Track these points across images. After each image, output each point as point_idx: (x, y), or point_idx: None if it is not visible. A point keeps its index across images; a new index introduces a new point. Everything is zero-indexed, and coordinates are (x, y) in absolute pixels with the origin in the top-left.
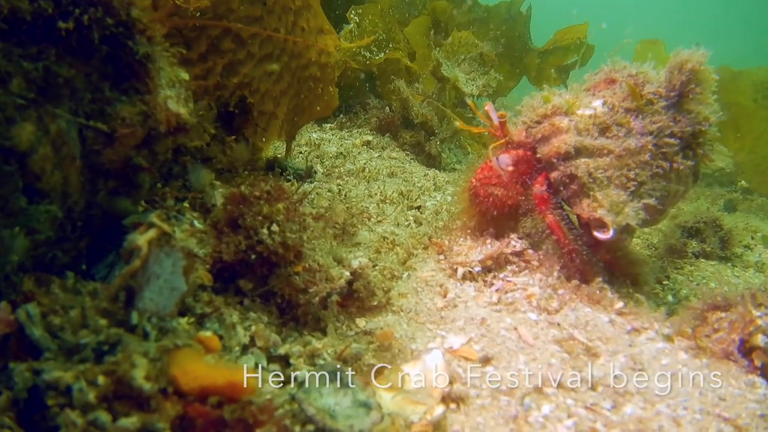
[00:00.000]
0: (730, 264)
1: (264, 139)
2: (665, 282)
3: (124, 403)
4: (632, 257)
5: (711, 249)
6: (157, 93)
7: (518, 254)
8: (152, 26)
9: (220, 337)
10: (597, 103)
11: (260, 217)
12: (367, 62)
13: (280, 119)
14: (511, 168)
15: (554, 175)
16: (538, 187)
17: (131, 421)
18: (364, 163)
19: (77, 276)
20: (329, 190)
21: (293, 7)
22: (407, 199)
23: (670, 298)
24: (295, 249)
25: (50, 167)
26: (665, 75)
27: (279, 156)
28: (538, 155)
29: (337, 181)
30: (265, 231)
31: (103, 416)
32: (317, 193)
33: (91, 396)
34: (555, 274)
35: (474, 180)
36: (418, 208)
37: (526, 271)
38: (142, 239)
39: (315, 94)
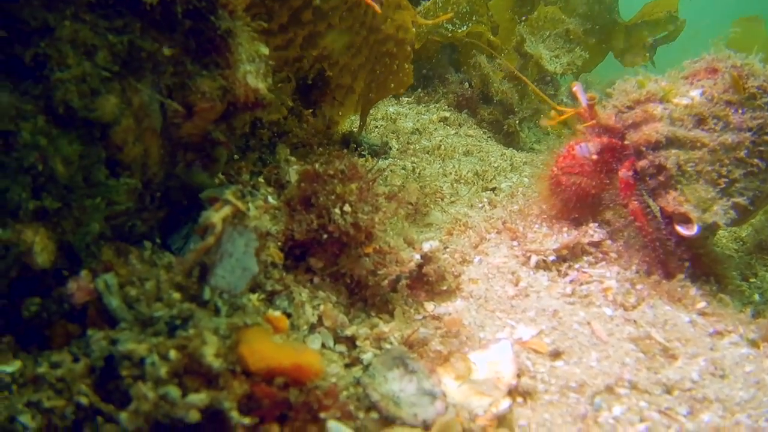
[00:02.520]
0: None
1: (340, 113)
2: (752, 280)
3: (194, 378)
4: (715, 255)
5: None
6: (236, 68)
7: (596, 245)
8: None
9: (289, 316)
10: (695, 93)
11: (333, 197)
12: (449, 35)
13: (357, 93)
14: (595, 157)
15: (642, 164)
16: (624, 172)
17: (200, 397)
18: (440, 141)
19: (154, 246)
20: (403, 168)
21: None
22: (482, 180)
23: (756, 297)
24: (367, 230)
25: (132, 139)
26: None
27: (354, 130)
28: (626, 142)
29: (412, 158)
30: (337, 211)
31: (174, 391)
32: (391, 171)
33: (163, 371)
34: (634, 267)
35: (555, 168)
36: (493, 189)
37: (603, 263)
38: (216, 216)
39: (390, 71)
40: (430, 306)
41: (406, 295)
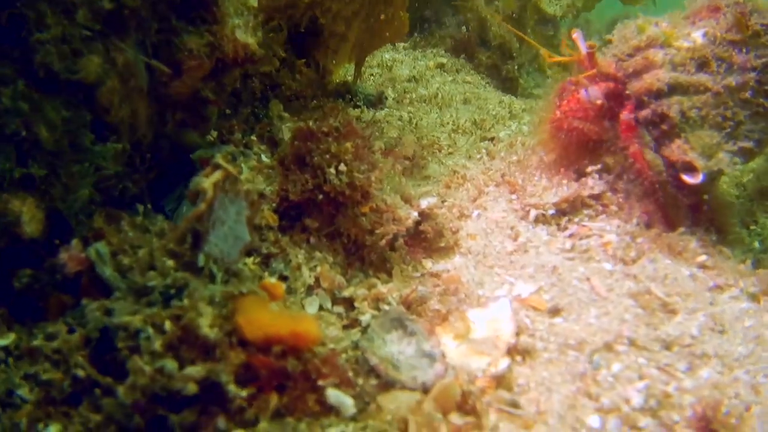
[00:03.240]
0: None
1: (334, 62)
2: (752, 227)
3: (190, 349)
4: (719, 201)
5: None
6: (224, 23)
7: (596, 197)
8: None
9: (285, 279)
10: (697, 34)
11: (328, 156)
12: None
13: (351, 42)
14: (600, 101)
15: (644, 113)
16: (626, 114)
17: (196, 369)
18: (437, 88)
19: (146, 210)
20: (400, 118)
21: None
22: (480, 129)
23: (756, 244)
24: (363, 189)
25: (118, 100)
26: None
27: (349, 80)
28: (627, 92)
29: (408, 108)
30: (332, 171)
31: (170, 364)
32: (387, 122)
33: (158, 344)
34: (634, 220)
35: (558, 112)
36: (492, 139)
37: (604, 215)
38: (207, 182)
39: (386, 19)
40: (428, 263)
41: (404, 253)
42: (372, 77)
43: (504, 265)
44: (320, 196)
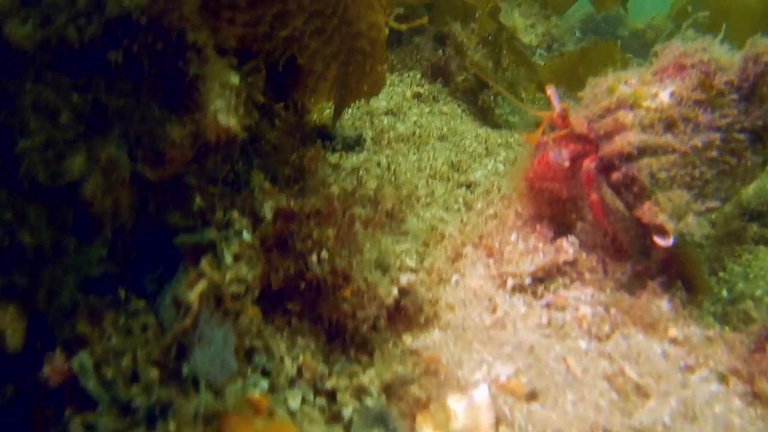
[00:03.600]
0: None
1: (312, 100)
2: (721, 274)
3: None
4: (689, 256)
5: None
6: (206, 108)
7: (571, 264)
8: (202, 35)
9: (267, 374)
10: (664, 95)
11: (310, 242)
12: None
13: (329, 81)
14: (567, 164)
15: (615, 176)
16: (587, 163)
17: None
18: (414, 122)
19: (128, 294)
20: (378, 164)
21: None
22: (458, 171)
23: (724, 293)
24: (344, 273)
25: (101, 194)
26: (740, 64)
27: (328, 124)
28: (600, 153)
29: (387, 150)
30: (314, 259)
31: None
32: (366, 169)
33: None
34: (608, 291)
35: (530, 172)
36: (469, 186)
37: (578, 283)
38: (192, 295)
39: (363, 71)
40: (408, 338)
41: (384, 329)
42: (349, 109)
43: (482, 340)
44: (302, 284)
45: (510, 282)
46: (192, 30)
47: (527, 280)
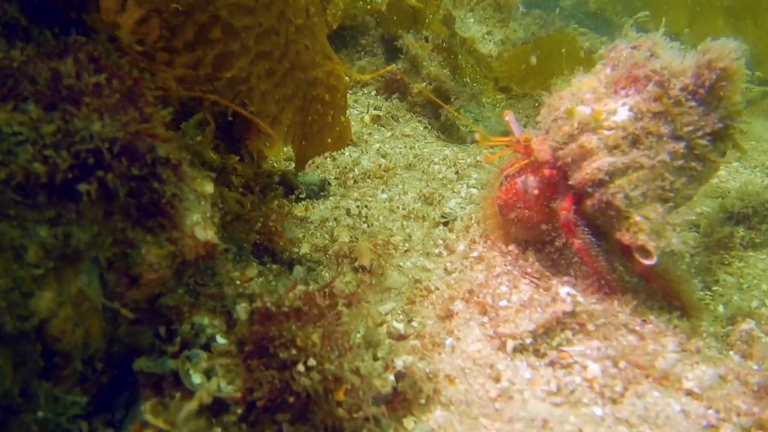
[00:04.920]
0: None
1: (268, 144)
2: (714, 288)
3: None
4: (675, 275)
5: (762, 240)
6: (183, 225)
7: (571, 314)
8: (176, 151)
9: None
10: (623, 112)
11: (294, 351)
12: (368, 7)
13: (285, 125)
14: (536, 192)
15: (589, 203)
16: (565, 214)
17: None
18: (378, 149)
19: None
20: (348, 211)
21: (294, 21)
22: (431, 205)
23: (721, 308)
24: (336, 376)
25: (71, 326)
26: (693, 70)
27: (290, 171)
28: (570, 182)
29: (354, 193)
30: (300, 368)
31: None
32: (335, 219)
33: None
34: (614, 343)
35: (500, 198)
36: (446, 223)
37: (581, 335)
38: None
39: (325, 122)
40: (410, 423)
41: (385, 423)
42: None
43: (489, 414)
44: (291, 398)
45: (510, 344)
46: (164, 147)
47: (528, 340)
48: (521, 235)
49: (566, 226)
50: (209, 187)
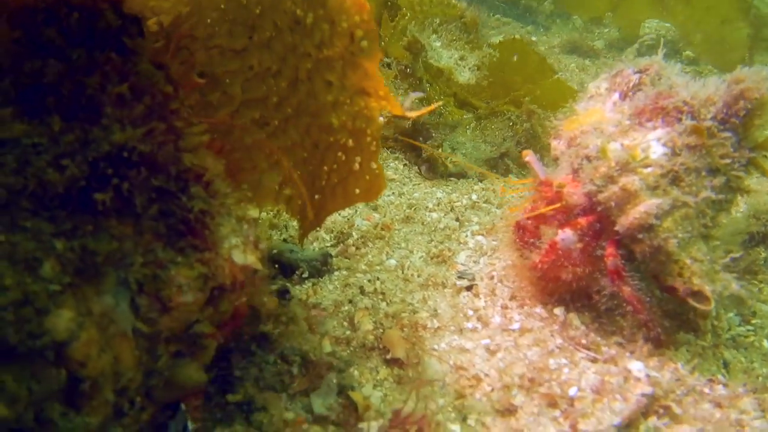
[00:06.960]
0: None
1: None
2: (754, 321)
3: None
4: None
5: None
6: (219, 247)
7: (652, 396)
8: (211, 166)
9: None
10: (657, 147)
11: None
12: None
13: (274, 183)
14: (580, 245)
15: (638, 248)
16: (612, 261)
17: None
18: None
19: None
20: (362, 290)
21: (314, 55)
22: (444, 264)
23: (765, 343)
24: None
25: (96, 351)
26: (725, 98)
27: (283, 246)
28: (616, 228)
29: (361, 265)
30: None
31: None
32: (351, 302)
33: None
34: (703, 424)
35: (542, 263)
36: (469, 288)
37: (667, 419)
38: None
39: (349, 170)
40: None
41: None
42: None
43: None
44: None
45: None
46: (195, 159)
47: None
48: (565, 295)
49: (615, 274)
50: (254, 212)
